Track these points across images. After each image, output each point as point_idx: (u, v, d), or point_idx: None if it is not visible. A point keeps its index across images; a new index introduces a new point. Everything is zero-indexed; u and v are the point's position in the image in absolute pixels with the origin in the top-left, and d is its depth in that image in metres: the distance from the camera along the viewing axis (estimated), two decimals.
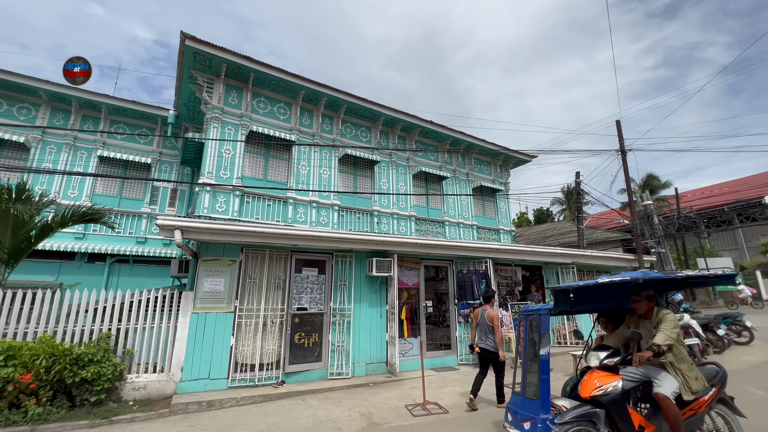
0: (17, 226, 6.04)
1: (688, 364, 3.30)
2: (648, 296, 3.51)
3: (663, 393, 3.13)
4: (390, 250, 7.98)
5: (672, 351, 3.29)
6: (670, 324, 3.26)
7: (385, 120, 12.43)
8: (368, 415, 5.20)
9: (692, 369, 3.28)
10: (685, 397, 3.14)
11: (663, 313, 3.41)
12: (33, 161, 10.31)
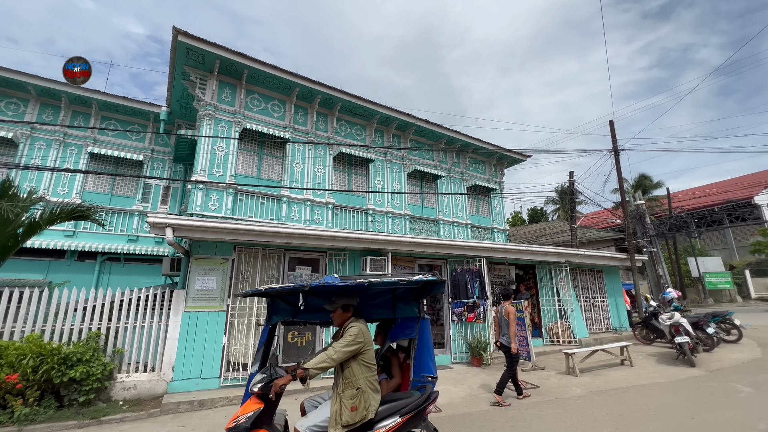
0: (3, 224, 5.91)
1: (354, 389, 2.69)
2: (344, 306, 2.97)
3: (298, 427, 2.68)
4: (384, 249, 7.96)
5: (343, 373, 2.76)
6: (342, 342, 2.74)
7: (380, 118, 12.39)
8: None
9: (358, 395, 2.66)
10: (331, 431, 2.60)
11: (349, 326, 2.85)
12: (21, 157, 10.12)
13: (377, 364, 3.34)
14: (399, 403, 2.85)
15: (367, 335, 2.85)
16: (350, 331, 2.79)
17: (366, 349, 2.82)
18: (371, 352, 2.87)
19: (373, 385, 2.78)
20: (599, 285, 12.34)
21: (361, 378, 2.73)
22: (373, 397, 2.72)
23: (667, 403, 5.36)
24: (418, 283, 3.09)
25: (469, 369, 8.04)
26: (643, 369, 7.55)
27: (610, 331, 11.85)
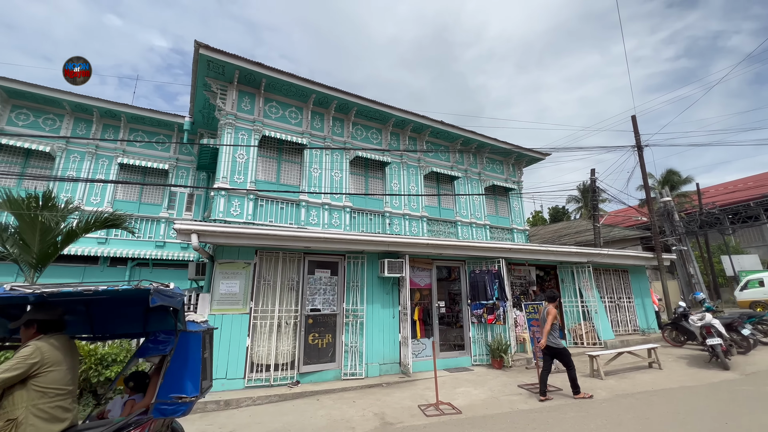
0: (44, 232, 6.33)
1: (4, 421, 2.25)
2: (27, 322, 2.53)
3: None
4: (401, 251, 8.01)
5: (1, 401, 2.30)
6: (5, 365, 2.27)
7: (395, 121, 12.47)
8: (381, 415, 5.24)
9: (9, 427, 2.25)
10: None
11: (23, 347, 2.41)
12: (58, 170, 10.76)
13: (128, 384, 3.28)
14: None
15: (47, 355, 2.40)
16: (21, 351, 2.36)
17: (41, 372, 2.36)
18: (53, 375, 2.40)
19: (46, 413, 2.33)
20: (624, 285, 11.96)
21: (21, 407, 2.28)
22: (39, 427, 2.29)
23: (697, 407, 5.16)
24: (112, 293, 2.50)
25: (490, 371, 7.96)
26: (672, 372, 7.28)
27: (637, 333, 11.46)
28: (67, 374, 2.50)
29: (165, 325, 3.24)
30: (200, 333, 3.10)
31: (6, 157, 10.45)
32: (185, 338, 2.96)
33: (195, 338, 3.02)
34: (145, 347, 3.18)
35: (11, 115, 10.57)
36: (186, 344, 2.96)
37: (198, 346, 3.03)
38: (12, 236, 6.43)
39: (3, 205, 6.25)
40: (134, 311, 3.28)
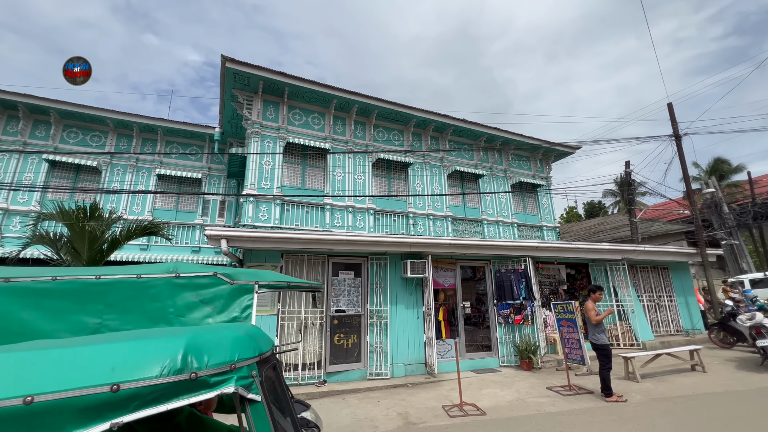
0: (92, 241, 6.89)
1: None
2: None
3: None
4: (424, 252, 8.01)
5: None
6: None
7: (416, 122, 12.47)
8: (405, 415, 5.29)
9: None
10: None
11: None
12: (104, 182, 11.65)
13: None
14: None
15: None
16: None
17: None
18: None
19: None
20: (665, 283, 11.28)
21: None
22: None
23: (742, 413, 4.81)
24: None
25: (518, 372, 7.79)
26: (717, 375, 6.81)
27: (680, 334, 10.77)
28: None
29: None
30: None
31: (60, 173, 11.44)
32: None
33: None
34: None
35: (63, 134, 11.58)
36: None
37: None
38: (65, 245, 7.05)
39: (56, 216, 6.87)
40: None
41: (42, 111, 11.16)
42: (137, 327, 1.94)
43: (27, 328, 1.74)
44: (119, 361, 0.87)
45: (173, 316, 2.07)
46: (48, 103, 10.91)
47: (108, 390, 0.79)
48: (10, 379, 0.75)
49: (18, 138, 10.97)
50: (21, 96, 10.69)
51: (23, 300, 1.79)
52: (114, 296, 1.97)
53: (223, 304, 2.17)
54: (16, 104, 10.77)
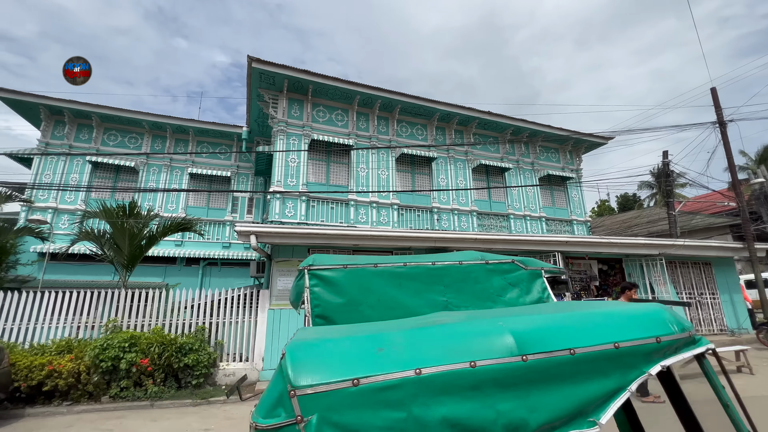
0: (132, 237, 7.31)
1: None
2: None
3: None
4: (449, 247, 7.93)
5: None
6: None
7: (440, 115, 12.32)
8: None
9: None
10: None
11: None
12: (141, 182, 12.27)
13: None
14: None
15: None
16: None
17: None
18: None
19: None
20: (708, 280, 10.63)
21: None
22: None
23: None
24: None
25: None
26: (766, 378, 6.37)
27: (724, 333, 10.14)
28: None
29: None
30: None
31: (102, 173, 12.16)
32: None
33: None
34: None
35: (104, 137, 12.27)
36: None
37: None
38: (108, 241, 7.52)
39: (100, 214, 7.33)
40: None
41: (85, 115, 11.87)
42: (471, 305, 2.27)
43: (399, 303, 2.19)
44: (629, 324, 1.15)
45: (495, 296, 2.36)
46: (90, 108, 11.58)
47: (654, 342, 1.10)
48: (597, 331, 1.11)
49: (64, 141, 11.73)
50: (66, 102, 11.40)
51: (390, 281, 2.23)
52: (448, 279, 2.33)
53: (525, 287, 2.41)
54: (62, 110, 11.50)
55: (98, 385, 5.73)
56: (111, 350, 5.72)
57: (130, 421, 5.07)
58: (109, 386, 5.79)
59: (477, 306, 2.27)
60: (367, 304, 2.15)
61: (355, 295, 2.15)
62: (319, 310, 2.08)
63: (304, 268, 2.16)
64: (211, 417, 5.20)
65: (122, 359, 5.72)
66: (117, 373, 5.79)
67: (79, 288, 7.06)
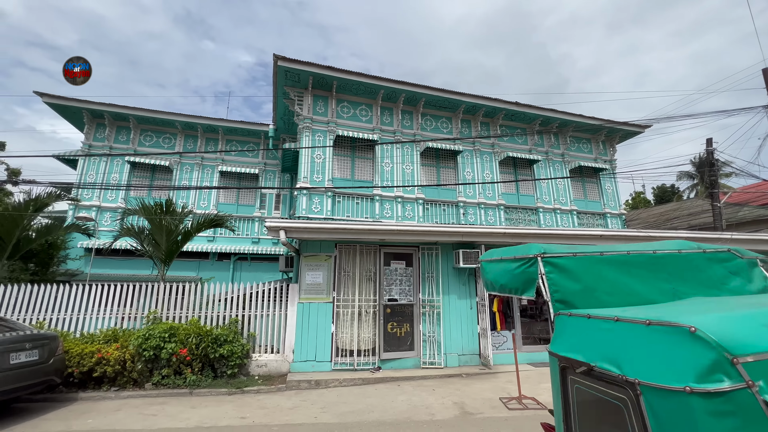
0: (168, 233, 7.64)
1: None
2: None
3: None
4: (477, 241, 7.81)
5: None
6: None
7: (465, 107, 12.08)
8: (461, 404, 5.25)
9: None
10: None
11: None
12: (175, 180, 12.80)
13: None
14: None
15: None
16: None
17: None
18: None
19: None
20: None
21: None
22: None
23: None
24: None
25: None
26: None
27: None
28: None
29: None
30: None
31: (139, 173, 12.78)
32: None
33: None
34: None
35: (141, 138, 12.87)
36: None
37: None
38: (147, 237, 7.90)
39: (139, 211, 7.71)
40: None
41: (123, 118, 12.48)
42: (699, 293, 2.31)
43: (631, 290, 2.25)
44: None
45: (720, 284, 2.40)
46: (128, 111, 12.17)
47: None
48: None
49: (105, 143, 12.39)
50: (106, 105, 12.03)
51: (619, 268, 2.30)
52: (671, 266, 2.40)
53: (746, 276, 2.44)
54: (103, 113, 12.15)
55: (142, 373, 6.07)
56: (152, 340, 6.03)
57: (172, 408, 5.33)
58: (152, 374, 6.11)
59: (704, 294, 2.27)
60: (603, 290, 2.21)
61: (590, 281, 2.22)
62: (558, 295, 2.19)
63: (536, 255, 2.28)
64: (246, 406, 5.38)
65: (163, 349, 6.02)
66: (158, 362, 6.10)
67: (121, 281, 7.48)
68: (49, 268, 8.60)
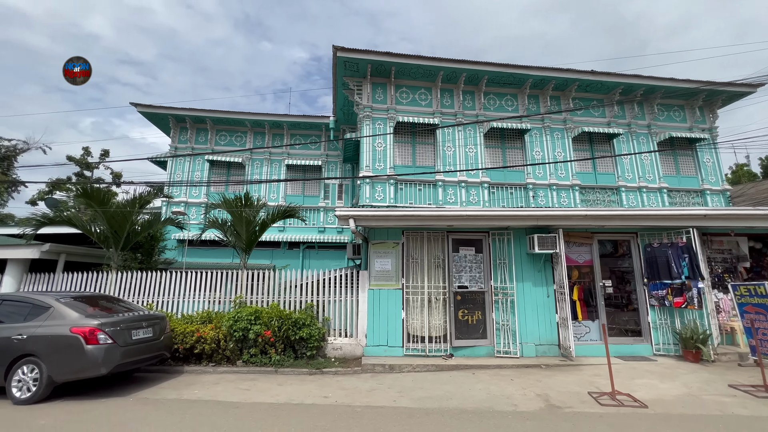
0: (248, 224, 8.22)
1: None
2: None
3: None
4: (553, 225, 7.27)
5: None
6: None
7: (533, 82, 11.20)
8: (545, 397, 4.97)
9: None
10: None
11: None
12: (247, 175, 13.75)
13: None
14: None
15: None
16: None
17: None
18: None
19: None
20: None
21: None
22: None
23: None
24: None
25: (680, 364, 6.58)
26: None
27: None
28: None
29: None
30: None
31: (217, 170, 13.94)
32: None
33: None
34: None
35: (217, 138, 13.99)
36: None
37: None
38: (229, 228, 8.58)
39: (221, 205, 8.38)
40: None
41: (201, 120, 13.65)
42: None
43: None
44: None
45: None
46: (205, 113, 13.27)
47: None
48: None
49: (187, 145, 13.68)
50: (187, 110, 13.22)
51: None
52: None
53: None
54: (185, 117, 13.38)
55: (233, 351, 6.67)
56: (241, 322, 6.58)
57: (261, 384, 5.78)
58: (242, 352, 6.70)
59: None
60: None
61: None
62: None
63: None
64: (326, 386, 5.65)
65: (250, 330, 6.54)
66: (246, 342, 6.65)
67: (208, 269, 8.27)
68: (152, 258, 9.79)
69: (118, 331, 5.25)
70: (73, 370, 4.95)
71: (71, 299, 5.57)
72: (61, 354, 4.94)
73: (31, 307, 5.35)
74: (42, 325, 5.10)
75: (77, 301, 5.57)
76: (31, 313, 5.29)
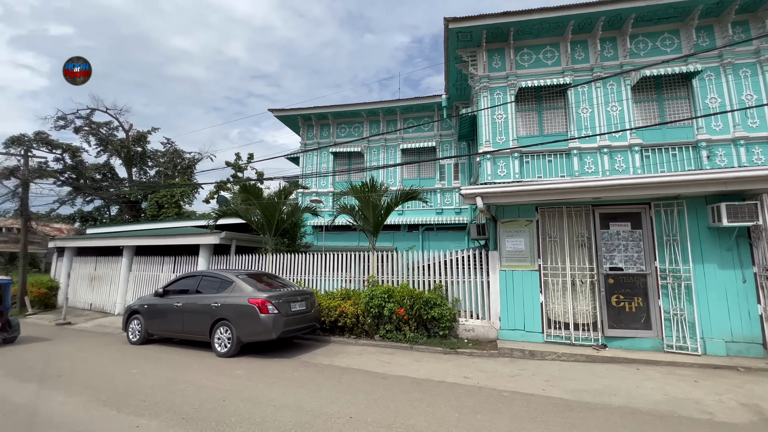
0: (374, 208, 8.63)
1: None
2: None
3: None
4: (751, 190, 5.57)
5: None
6: None
7: (703, 8, 8.70)
8: (755, 408, 3.89)
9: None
10: None
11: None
12: (366, 162, 14.51)
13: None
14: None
15: None
16: None
17: None
18: None
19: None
20: None
21: None
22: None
23: None
24: None
25: None
26: None
27: None
28: None
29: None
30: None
31: (339, 161, 15.11)
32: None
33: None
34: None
35: (337, 131, 15.12)
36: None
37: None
38: (357, 213, 9.18)
39: (349, 192, 8.99)
40: None
41: (323, 117, 14.91)
42: None
43: None
44: None
45: None
46: (326, 110, 14.44)
47: None
48: None
49: (314, 140, 15.14)
50: (311, 109, 14.60)
51: None
52: None
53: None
54: (310, 116, 14.80)
55: (371, 326, 7.17)
56: (376, 299, 7.00)
57: (399, 358, 6.05)
58: (378, 328, 7.14)
59: None
60: None
61: None
62: None
63: None
64: (464, 366, 5.57)
65: (384, 307, 6.90)
66: (381, 318, 7.05)
67: (340, 251, 9.02)
68: (296, 242, 11.25)
69: (281, 303, 6.14)
70: (253, 333, 6.02)
71: (246, 276, 6.76)
72: (243, 319, 6.05)
73: (221, 282, 6.68)
74: (229, 296, 6.32)
75: (249, 278, 6.72)
76: (221, 287, 6.61)
